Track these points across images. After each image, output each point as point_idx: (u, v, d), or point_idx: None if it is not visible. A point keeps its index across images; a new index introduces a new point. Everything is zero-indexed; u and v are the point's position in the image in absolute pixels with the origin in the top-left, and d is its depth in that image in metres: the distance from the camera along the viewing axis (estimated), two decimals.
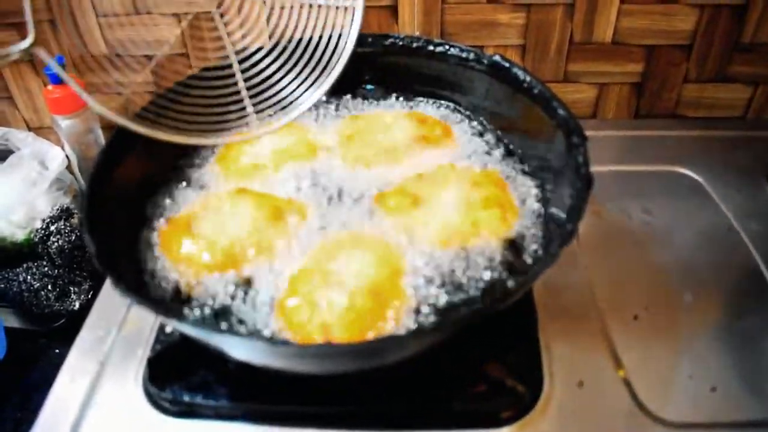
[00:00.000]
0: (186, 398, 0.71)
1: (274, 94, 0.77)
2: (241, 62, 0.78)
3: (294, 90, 0.77)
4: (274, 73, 0.78)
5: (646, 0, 1.07)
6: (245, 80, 0.77)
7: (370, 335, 0.62)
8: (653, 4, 1.07)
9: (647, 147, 1.10)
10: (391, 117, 0.89)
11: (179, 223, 0.76)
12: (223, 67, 0.79)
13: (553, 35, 1.11)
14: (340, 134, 0.88)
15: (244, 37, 0.80)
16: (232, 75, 0.78)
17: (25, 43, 0.63)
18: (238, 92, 0.77)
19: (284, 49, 0.79)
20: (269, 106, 0.77)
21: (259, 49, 0.80)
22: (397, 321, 0.65)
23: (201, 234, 0.74)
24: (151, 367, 0.74)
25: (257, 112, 0.76)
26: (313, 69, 0.77)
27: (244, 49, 0.80)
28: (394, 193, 0.79)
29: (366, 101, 0.96)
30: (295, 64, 0.77)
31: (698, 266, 0.88)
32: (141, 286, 0.69)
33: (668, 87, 1.17)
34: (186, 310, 0.68)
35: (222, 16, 0.84)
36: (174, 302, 0.69)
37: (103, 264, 0.58)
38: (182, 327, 0.56)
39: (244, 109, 0.76)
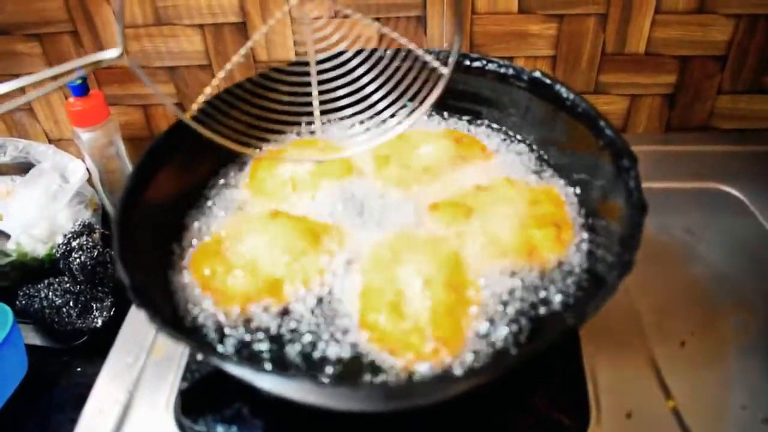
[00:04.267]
0: (220, 430, 0.68)
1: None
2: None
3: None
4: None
5: (682, 10, 1.04)
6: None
7: (464, 326, 0.63)
8: (689, 14, 1.05)
9: (683, 162, 1.07)
10: (427, 135, 0.86)
11: (210, 248, 0.73)
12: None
13: (585, 46, 1.09)
14: (376, 153, 0.85)
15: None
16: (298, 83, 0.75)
17: (115, 53, 0.61)
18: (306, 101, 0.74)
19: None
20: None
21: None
22: (479, 305, 0.66)
23: (233, 260, 0.72)
24: (183, 399, 0.72)
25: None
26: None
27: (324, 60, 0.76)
28: (449, 204, 0.77)
29: None
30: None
31: (745, 289, 0.85)
32: (175, 315, 0.67)
33: (701, 98, 1.14)
34: (224, 344, 0.66)
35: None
36: (210, 334, 0.67)
37: (138, 298, 0.56)
38: (222, 364, 0.54)
39: (310, 114, 0.74)
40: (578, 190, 0.79)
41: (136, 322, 0.86)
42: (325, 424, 0.68)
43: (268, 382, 0.56)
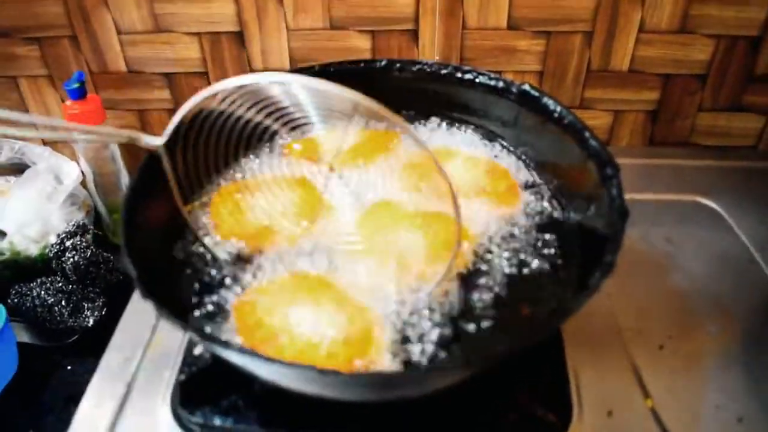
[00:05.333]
0: (217, 422, 0.70)
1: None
2: None
3: None
4: None
5: (664, 29, 1.08)
6: None
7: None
8: (671, 34, 1.08)
9: (664, 175, 1.10)
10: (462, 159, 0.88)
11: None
12: None
13: (572, 62, 1.13)
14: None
15: None
16: None
17: (159, 141, 0.68)
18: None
19: None
20: None
21: None
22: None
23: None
24: (182, 391, 0.73)
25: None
26: None
27: None
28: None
29: None
30: None
31: (721, 297, 0.88)
32: (178, 307, 0.69)
33: (682, 115, 1.18)
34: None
35: None
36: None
37: (143, 288, 0.58)
38: (226, 353, 0.56)
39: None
40: (565, 197, 0.82)
41: (134, 317, 0.87)
42: (319, 416, 0.70)
43: (270, 370, 0.57)
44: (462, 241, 0.66)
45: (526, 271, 0.74)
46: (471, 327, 0.67)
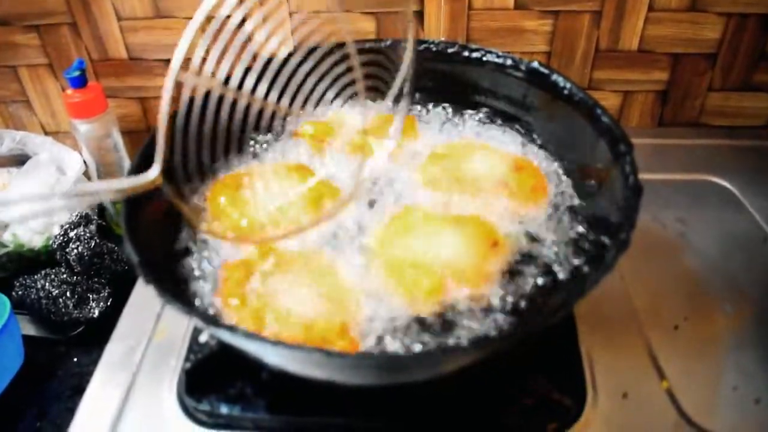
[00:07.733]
0: (224, 410, 0.69)
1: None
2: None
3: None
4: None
5: (674, 8, 1.06)
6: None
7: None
8: (681, 12, 1.06)
9: (675, 155, 1.09)
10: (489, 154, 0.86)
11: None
12: None
13: (580, 42, 1.11)
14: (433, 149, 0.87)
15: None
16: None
17: (153, 173, 0.65)
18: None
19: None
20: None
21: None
22: None
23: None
24: (188, 379, 0.73)
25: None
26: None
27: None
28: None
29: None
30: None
31: (736, 277, 0.87)
32: (180, 293, 0.67)
33: (692, 95, 1.16)
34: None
35: None
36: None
37: (146, 273, 0.56)
38: (231, 337, 0.54)
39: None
40: (576, 176, 0.80)
41: (138, 306, 0.86)
42: (327, 403, 0.69)
43: (276, 353, 0.56)
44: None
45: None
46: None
